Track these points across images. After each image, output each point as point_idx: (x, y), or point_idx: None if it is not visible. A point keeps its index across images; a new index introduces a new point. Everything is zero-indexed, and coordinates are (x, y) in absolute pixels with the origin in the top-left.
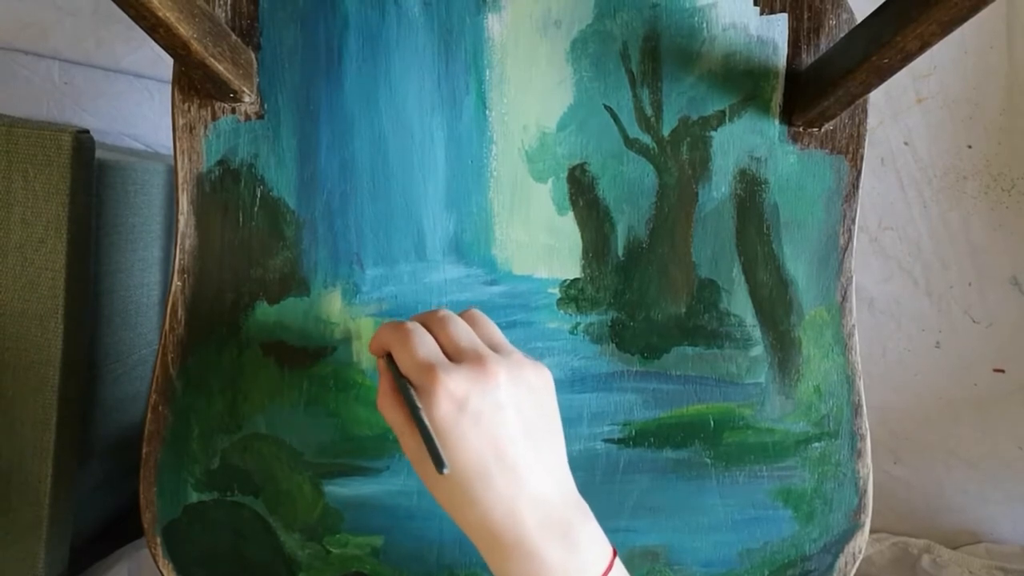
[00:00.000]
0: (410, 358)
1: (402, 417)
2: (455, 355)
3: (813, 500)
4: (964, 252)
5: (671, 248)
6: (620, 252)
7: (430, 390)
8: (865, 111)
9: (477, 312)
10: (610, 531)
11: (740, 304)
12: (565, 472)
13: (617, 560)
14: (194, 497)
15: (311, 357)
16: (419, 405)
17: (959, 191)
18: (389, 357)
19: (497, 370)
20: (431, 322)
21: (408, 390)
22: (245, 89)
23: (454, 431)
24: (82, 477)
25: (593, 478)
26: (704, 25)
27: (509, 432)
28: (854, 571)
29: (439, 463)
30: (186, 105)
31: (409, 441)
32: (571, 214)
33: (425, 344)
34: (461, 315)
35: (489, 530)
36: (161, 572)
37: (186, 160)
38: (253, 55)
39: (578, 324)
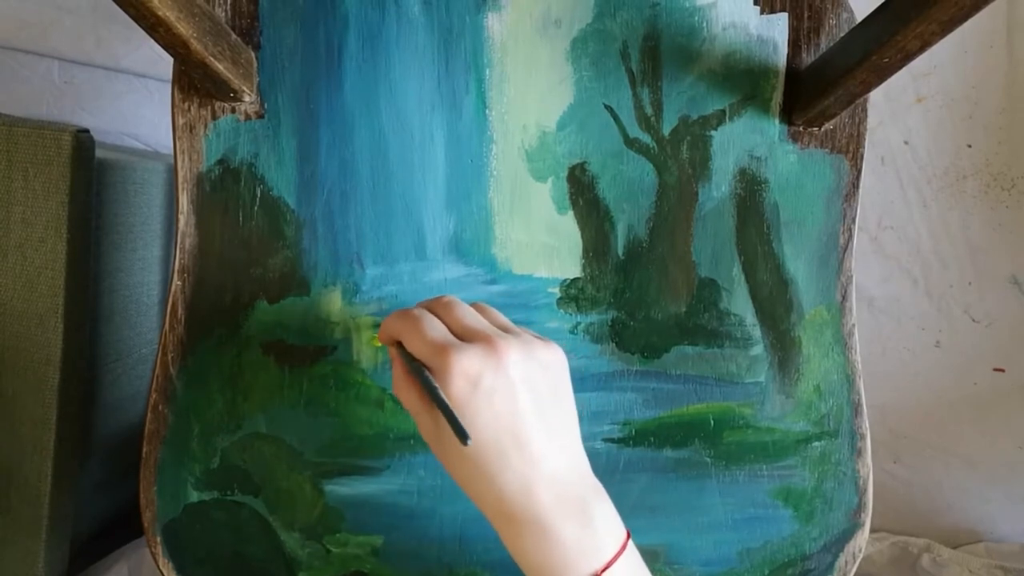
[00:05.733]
0: (421, 342)
1: (415, 399)
2: (465, 336)
3: (813, 499)
4: (964, 251)
5: (671, 247)
6: (620, 251)
7: (443, 370)
8: (865, 110)
9: (482, 303)
10: None
11: (740, 303)
12: (579, 450)
13: (630, 542)
14: (194, 496)
15: (311, 356)
16: (435, 384)
17: (959, 190)
18: (400, 345)
19: (508, 348)
20: (437, 307)
21: (422, 372)
22: (245, 88)
23: (468, 408)
24: (82, 476)
25: None
26: (704, 24)
27: (522, 409)
28: (854, 570)
29: (462, 435)
30: (186, 104)
31: (426, 422)
32: (571, 213)
33: (435, 327)
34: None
35: (505, 507)
36: (161, 571)
37: (186, 159)
38: (253, 54)
39: (578, 323)
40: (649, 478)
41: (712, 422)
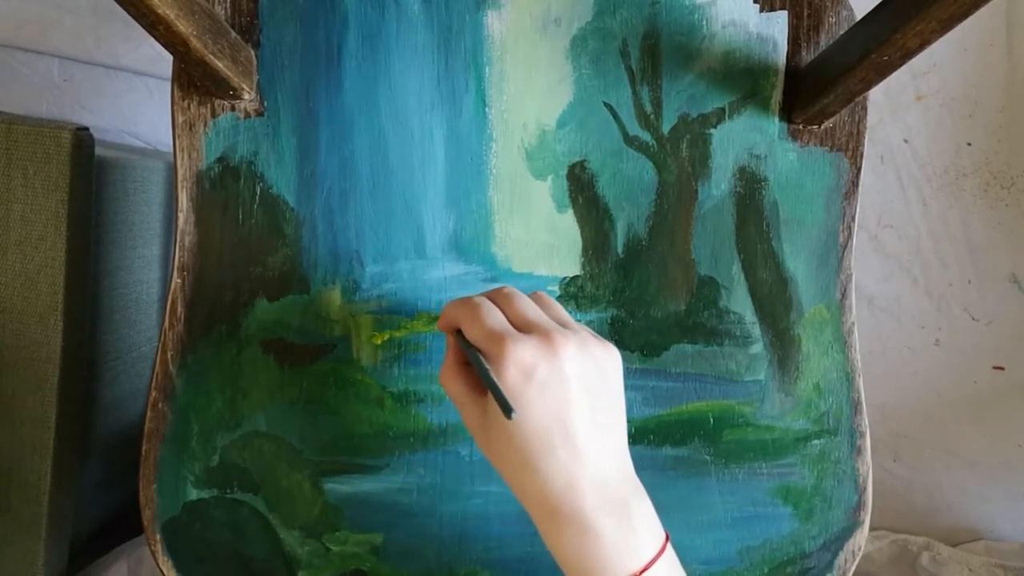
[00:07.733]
0: (479, 329)
1: (462, 388)
2: (523, 327)
3: (813, 498)
4: (964, 250)
5: (671, 246)
6: (620, 250)
7: (499, 358)
8: (865, 108)
9: (543, 294)
10: None
11: (740, 302)
12: (624, 450)
13: (669, 545)
14: (194, 495)
15: (311, 354)
16: (488, 367)
17: (959, 189)
18: (457, 333)
19: (565, 343)
20: (498, 297)
21: (477, 356)
22: (245, 87)
23: (521, 399)
24: (81, 475)
25: None
26: (704, 22)
27: (574, 404)
28: (853, 569)
29: (508, 410)
30: (186, 102)
31: (472, 412)
32: (571, 211)
33: (494, 316)
34: (528, 296)
35: (547, 502)
36: (161, 570)
37: (186, 157)
38: (253, 52)
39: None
40: (648, 476)
41: (711, 420)
